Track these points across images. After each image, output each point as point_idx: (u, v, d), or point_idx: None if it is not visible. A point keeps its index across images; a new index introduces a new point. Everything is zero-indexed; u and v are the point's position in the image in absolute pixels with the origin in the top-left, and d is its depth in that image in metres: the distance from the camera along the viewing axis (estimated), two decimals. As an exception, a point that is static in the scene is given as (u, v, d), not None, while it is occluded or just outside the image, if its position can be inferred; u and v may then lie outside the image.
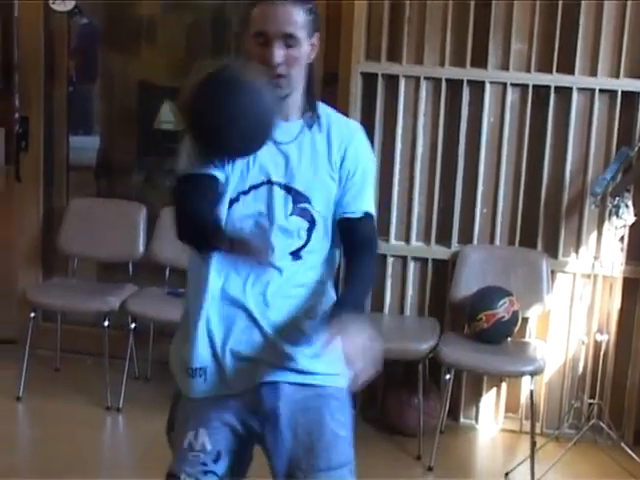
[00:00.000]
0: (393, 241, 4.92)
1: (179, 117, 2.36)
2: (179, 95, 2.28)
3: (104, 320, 4.88)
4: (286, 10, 2.35)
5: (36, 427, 4.87)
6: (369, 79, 4.83)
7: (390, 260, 4.92)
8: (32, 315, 4.96)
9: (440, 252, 4.88)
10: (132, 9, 5.74)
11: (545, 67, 4.69)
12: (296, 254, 2.44)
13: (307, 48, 2.40)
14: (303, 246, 2.45)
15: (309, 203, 2.43)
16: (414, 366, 4.62)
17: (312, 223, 2.44)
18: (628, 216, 4.41)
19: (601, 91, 4.65)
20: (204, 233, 2.31)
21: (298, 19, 2.36)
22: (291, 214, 2.42)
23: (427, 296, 4.93)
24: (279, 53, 2.35)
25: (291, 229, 2.42)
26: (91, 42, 5.95)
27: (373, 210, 2.53)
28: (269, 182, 2.41)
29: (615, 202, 4.40)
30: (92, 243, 5.25)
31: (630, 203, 4.40)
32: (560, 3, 4.60)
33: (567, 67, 4.66)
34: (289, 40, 2.35)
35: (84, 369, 5.32)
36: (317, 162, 2.45)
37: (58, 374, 5.30)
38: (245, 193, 2.41)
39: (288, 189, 2.42)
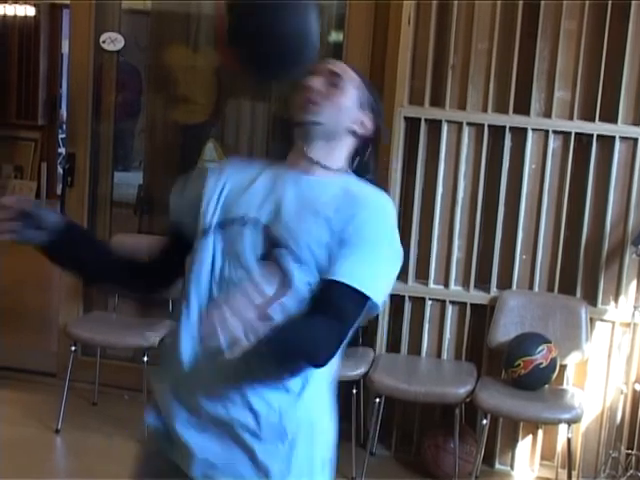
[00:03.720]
0: (432, 285, 4.93)
1: (227, 17, 2.26)
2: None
3: (143, 355, 4.92)
4: (339, 63, 2.40)
5: (73, 459, 4.92)
6: (412, 123, 4.87)
7: (429, 303, 4.93)
8: (72, 349, 5.01)
9: (479, 297, 4.89)
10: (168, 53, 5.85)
11: (588, 115, 4.71)
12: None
13: (354, 111, 2.34)
14: None
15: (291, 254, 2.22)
16: (451, 410, 4.62)
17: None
18: (669, 266, 4.41)
19: (644, 140, 4.67)
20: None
21: (348, 71, 2.38)
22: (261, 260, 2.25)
23: (465, 340, 4.93)
24: (318, 81, 2.32)
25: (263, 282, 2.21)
26: (134, 80, 6.05)
27: (366, 289, 2.19)
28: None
29: (656, 252, 4.40)
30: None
31: (671, 253, 4.40)
32: (604, 52, 4.62)
33: (610, 115, 4.68)
34: (333, 78, 2.33)
35: (121, 404, 5.36)
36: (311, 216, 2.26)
37: (95, 408, 5.33)
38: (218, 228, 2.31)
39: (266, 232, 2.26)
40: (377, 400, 4.64)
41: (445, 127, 4.83)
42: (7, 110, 11.91)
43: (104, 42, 5.29)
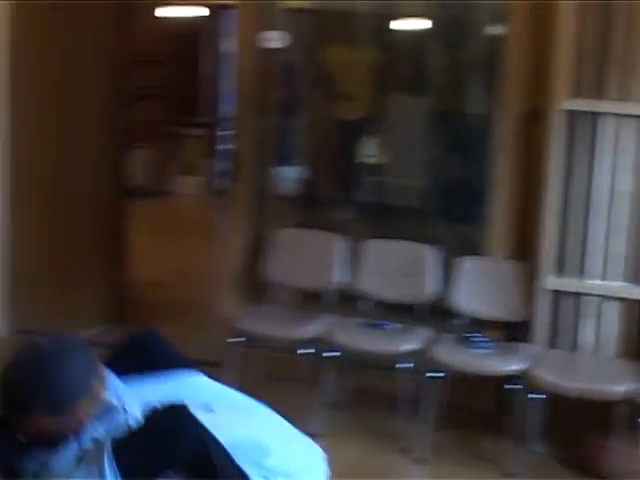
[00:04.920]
0: (590, 280, 4.87)
1: None
2: None
3: (304, 347, 5.03)
4: None
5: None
6: (571, 116, 4.81)
7: (587, 299, 4.87)
8: (234, 340, 5.15)
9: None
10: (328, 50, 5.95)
11: None
12: None
13: None
14: None
15: None
16: (611, 408, 4.55)
17: None
18: None
19: None
20: None
21: None
22: None
23: (625, 337, 4.85)
24: None
25: None
26: (294, 78, 6.18)
27: None
28: None
29: None
30: (294, 272, 5.42)
31: None
32: None
33: None
34: None
35: (284, 394, 5.47)
36: None
37: (262, 398, 5.45)
38: None
39: None
40: (537, 396, 4.62)
41: (607, 120, 4.75)
42: (173, 108, 12.33)
43: (266, 41, 5.42)
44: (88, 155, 6.46)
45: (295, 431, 2.81)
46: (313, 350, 5.03)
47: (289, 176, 6.20)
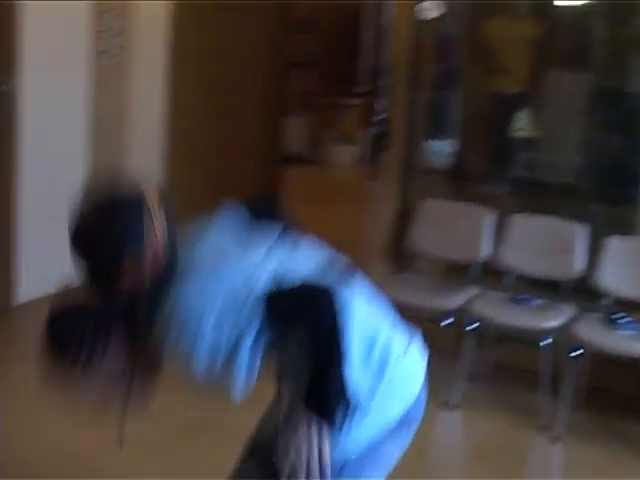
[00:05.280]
0: None
1: None
2: None
3: (445, 318, 5.06)
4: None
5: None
6: None
7: None
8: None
9: None
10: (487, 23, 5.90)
11: None
12: None
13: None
14: None
15: None
16: None
17: None
18: None
19: None
20: None
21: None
22: None
23: None
24: None
25: None
26: (452, 50, 6.17)
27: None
28: None
29: None
30: (440, 243, 5.45)
31: None
32: None
33: None
34: None
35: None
36: None
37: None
38: None
39: None
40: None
41: None
42: (332, 79, 12.45)
43: (423, 11, 5.43)
44: (247, 122, 6.64)
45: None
46: (455, 321, 5.06)
47: (441, 149, 6.20)
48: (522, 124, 5.85)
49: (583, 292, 5.03)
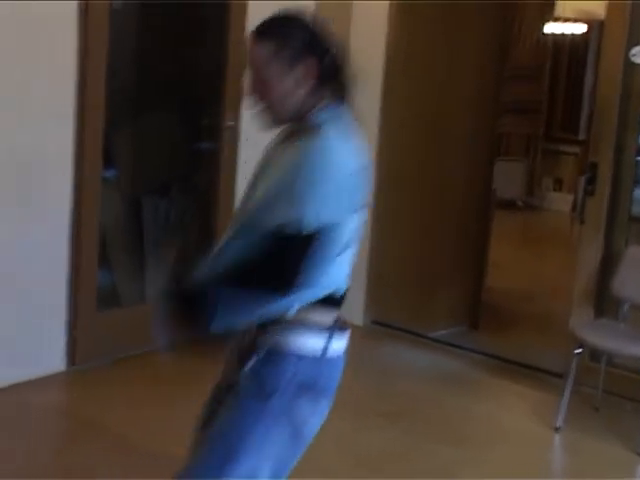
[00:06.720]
0: None
1: None
2: None
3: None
4: (251, 46, 2.48)
5: (569, 460, 5.08)
6: None
7: None
8: (577, 351, 5.16)
9: None
10: None
11: None
12: None
13: (286, 80, 2.45)
14: None
15: None
16: None
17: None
18: None
19: None
20: None
21: (262, 54, 2.45)
22: None
23: None
24: (248, 84, 2.52)
25: None
26: None
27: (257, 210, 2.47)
28: None
29: None
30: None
31: None
32: None
33: None
34: (257, 74, 2.48)
35: (622, 413, 5.40)
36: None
37: (597, 413, 5.42)
38: None
39: None
40: None
41: None
42: (553, 124, 12.35)
43: (634, 56, 5.34)
44: (457, 162, 6.64)
45: None
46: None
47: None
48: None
49: None
